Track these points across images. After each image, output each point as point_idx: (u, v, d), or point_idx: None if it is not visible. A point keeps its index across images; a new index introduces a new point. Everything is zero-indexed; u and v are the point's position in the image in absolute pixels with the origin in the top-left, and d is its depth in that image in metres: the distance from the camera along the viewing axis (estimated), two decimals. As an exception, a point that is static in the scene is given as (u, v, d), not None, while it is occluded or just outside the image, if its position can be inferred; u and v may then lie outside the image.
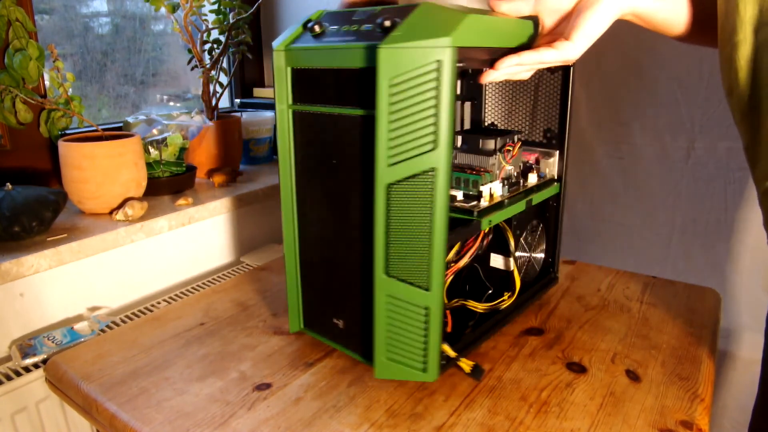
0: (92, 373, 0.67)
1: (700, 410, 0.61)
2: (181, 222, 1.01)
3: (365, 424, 0.58)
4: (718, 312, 0.83)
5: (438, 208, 0.53)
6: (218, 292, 0.90)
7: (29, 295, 0.87)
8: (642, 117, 1.41)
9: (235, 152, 1.25)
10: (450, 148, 0.51)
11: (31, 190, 0.86)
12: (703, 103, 1.32)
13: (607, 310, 0.83)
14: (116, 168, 0.93)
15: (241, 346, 0.74)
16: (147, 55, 1.27)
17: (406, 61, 0.49)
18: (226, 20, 1.18)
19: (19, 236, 0.82)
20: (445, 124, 0.50)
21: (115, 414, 0.61)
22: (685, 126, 1.36)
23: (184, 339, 0.75)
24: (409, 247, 0.56)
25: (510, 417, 0.59)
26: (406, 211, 0.54)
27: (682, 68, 1.34)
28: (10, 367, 0.80)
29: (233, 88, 1.52)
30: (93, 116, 1.20)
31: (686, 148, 1.37)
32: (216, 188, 1.16)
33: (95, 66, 1.18)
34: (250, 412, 0.60)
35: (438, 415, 0.60)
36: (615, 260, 1.40)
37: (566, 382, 0.66)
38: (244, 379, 0.66)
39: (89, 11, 1.17)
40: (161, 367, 0.69)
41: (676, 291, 0.89)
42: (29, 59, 0.88)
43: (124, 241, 0.91)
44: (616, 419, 0.59)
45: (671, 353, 0.72)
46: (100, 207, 0.95)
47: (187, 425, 0.58)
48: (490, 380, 0.66)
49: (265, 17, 1.48)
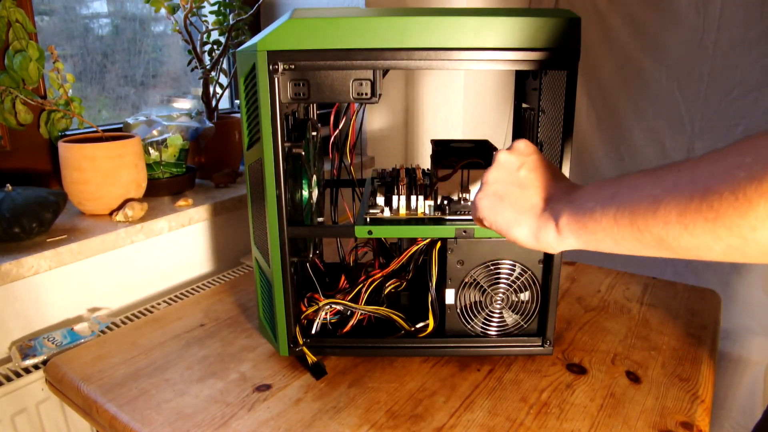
0: (92, 375, 0.67)
1: (700, 411, 0.61)
2: (181, 223, 1.01)
3: (365, 425, 0.58)
4: (718, 313, 0.83)
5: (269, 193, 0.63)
6: (218, 294, 0.90)
7: (29, 296, 0.87)
8: (642, 118, 1.40)
9: (235, 153, 1.25)
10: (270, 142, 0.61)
11: (31, 191, 0.86)
12: (702, 104, 1.32)
13: (607, 311, 0.83)
14: (116, 169, 0.93)
15: (241, 347, 0.74)
16: (147, 56, 1.27)
17: (241, 63, 0.63)
18: (226, 21, 1.18)
19: (19, 237, 0.82)
20: (266, 120, 0.60)
21: (115, 415, 0.61)
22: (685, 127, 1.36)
23: (184, 340, 0.75)
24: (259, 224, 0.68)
25: (510, 418, 0.59)
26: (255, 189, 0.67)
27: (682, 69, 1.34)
28: (10, 368, 0.80)
29: (233, 89, 1.52)
30: (93, 117, 1.20)
31: (686, 148, 1.37)
32: (216, 189, 1.16)
33: (95, 67, 1.18)
34: (250, 413, 0.60)
35: (438, 416, 0.60)
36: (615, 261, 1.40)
37: (566, 383, 0.66)
38: (244, 380, 0.66)
39: (89, 12, 1.17)
40: (161, 369, 0.69)
41: (676, 292, 0.89)
42: (29, 60, 0.88)
43: (124, 242, 0.91)
44: (616, 420, 0.59)
45: (671, 354, 0.72)
46: (100, 208, 0.95)
47: (187, 426, 0.58)
48: (490, 381, 0.66)
49: (265, 18, 1.48)
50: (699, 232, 0.37)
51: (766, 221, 0.33)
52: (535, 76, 0.75)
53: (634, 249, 0.44)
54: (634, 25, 1.45)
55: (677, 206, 0.38)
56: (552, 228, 0.49)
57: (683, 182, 0.39)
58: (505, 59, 0.58)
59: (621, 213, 0.43)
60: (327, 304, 0.70)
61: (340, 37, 0.57)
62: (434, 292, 0.69)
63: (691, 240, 0.38)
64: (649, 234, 0.41)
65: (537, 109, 0.75)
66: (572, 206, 0.48)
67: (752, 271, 1.27)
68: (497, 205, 0.53)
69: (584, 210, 0.46)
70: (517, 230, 0.52)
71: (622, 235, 0.43)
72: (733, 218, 0.35)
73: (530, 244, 0.51)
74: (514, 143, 0.56)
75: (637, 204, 0.41)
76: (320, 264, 0.82)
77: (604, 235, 0.45)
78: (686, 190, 0.38)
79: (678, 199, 0.38)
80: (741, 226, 0.34)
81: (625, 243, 0.44)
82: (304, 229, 0.68)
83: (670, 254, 0.42)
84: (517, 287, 0.68)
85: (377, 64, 0.59)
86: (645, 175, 0.43)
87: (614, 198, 0.44)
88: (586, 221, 0.46)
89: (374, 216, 0.66)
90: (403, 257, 0.72)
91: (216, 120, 1.21)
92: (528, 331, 0.70)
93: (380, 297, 0.73)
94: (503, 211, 0.52)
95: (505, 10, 0.64)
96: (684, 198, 0.38)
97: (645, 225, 0.41)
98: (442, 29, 0.57)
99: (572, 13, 0.58)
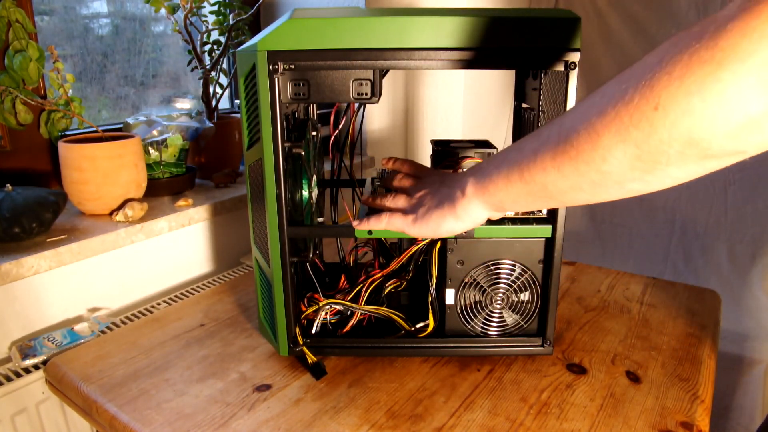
0: (92, 375, 0.67)
1: (700, 411, 0.61)
2: (181, 223, 1.01)
3: (365, 426, 0.58)
4: (718, 313, 0.83)
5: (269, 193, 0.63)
6: (218, 294, 0.90)
7: (29, 296, 0.87)
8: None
9: (235, 153, 1.25)
10: (270, 142, 0.61)
11: (31, 192, 0.86)
12: (702, 104, 1.31)
13: (607, 311, 0.83)
14: (116, 169, 0.93)
15: (241, 347, 0.74)
16: (147, 56, 1.27)
17: (241, 63, 0.62)
18: (226, 21, 1.18)
19: (19, 237, 0.82)
20: (266, 120, 0.60)
21: (115, 415, 0.61)
22: (685, 127, 1.35)
23: (184, 340, 0.75)
24: (259, 224, 0.68)
25: (510, 418, 0.59)
26: (255, 189, 0.66)
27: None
28: (10, 368, 0.80)
29: (233, 89, 1.52)
30: (93, 117, 1.20)
31: (686, 148, 1.37)
32: (216, 189, 1.16)
33: (95, 67, 1.18)
34: (250, 413, 0.60)
35: (438, 416, 0.60)
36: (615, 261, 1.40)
37: (566, 383, 0.66)
38: (244, 380, 0.66)
39: (89, 12, 1.17)
40: (161, 369, 0.69)
41: (676, 292, 0.89)
42: (29, 60, 0.88)
43: (124, 242, 0.91)
44: (616, 420, 0.59)
45: (671, 354, 0.72)
46: (100, 208, 0.95)
47: (188, 426, 0.58)
48: (490, 381, 0.66)
49: (265, 18, 1.48)
50: (568, 171, 0.42)
51: (611, 150, 0.38)
52: (535, 76, 0.75)
53: (528, 202, 0.50)
54: (634, 25, 1.45)
55: (551, 151, 0.43)
56: (461, 198, 0.54)
57: (555, 131, 0.43)
58: (505, 59, 0.58)
59: (511, 170, 0.48)
60: (327, 304, 0.70)
61: (340, 37, 0.57)
62: (434, 292, 0.69)
63: (564, 181, 0.43)
64: (534, 183, 0.46)
65: (537, 109, 0.75)
66: (474, 175, 0.53)
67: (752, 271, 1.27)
68: (425, 216, 0.58)
69: (483, 175, 0.52)
70: (443, 222, 0.56)
71: (516, 191, 0.48)
72: (589, 152, 0.39)
73: (456, 226, 0.56)
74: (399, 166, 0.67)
75: (522, 158, 0.46)
76: (320, 264, 0.82)
77: (503, 195, 0.50)
78: (556, 136, 0.43)
79: (551, 146, 0.43)
80: (594, 159, 0.39)
81: (520, 199, 0.49)
82: (304, 229, 0.68)
83: (555, 203, 0.48)
84: (517, 287, 0.68)
85: (377, 64, 0.59)
86: (530, 135, 0.48)
87: (505, 159, 0.49)
88: (485, 184, 0.51)
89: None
90: (403, 257, 0.72)
91: (216, 120, 1.21)
92: (528, 331, 0.70)
93: (380, 297, 0.73)
94: (430, 216, 0.57)
95: (505, 10, 0.64)
96: (555, 143, 0.43)
97: (530, 175, 0.46)
98: (442, 29, 0.57)
99: (572, 13, 0.58)
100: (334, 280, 0.78)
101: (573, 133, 0.40)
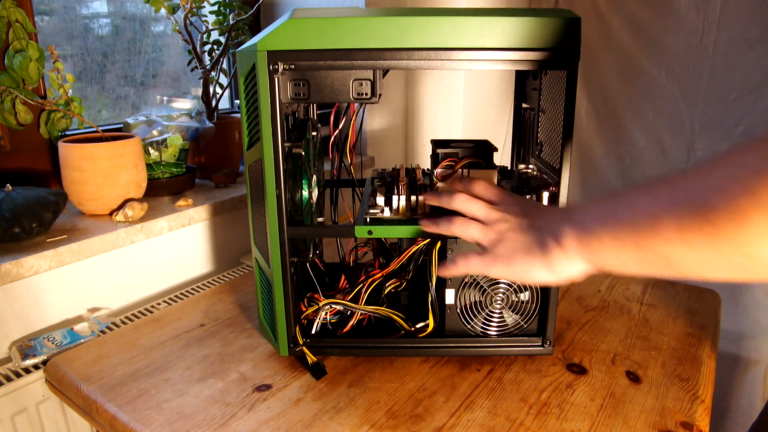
0: (92, 375, 0.67)
1: (700, 411, 0.61)
2: (181, 223, 1.01)
3: (365, 426, 0.58)
4: (717, 313, 0.83)
5: (269, 193, 0.63)
6: (218, 294, 0.90)
7: (29, 296, 0.87)
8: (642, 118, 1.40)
9: (235, 153, 1.25)
10: (270, 142, 0.61)
11: (31, 192, 0.86)
12: (702, 104, 1.32)
13: (607, 311, 0.83)
14: (116, 169, 0.93)
15: (241, 347, 0.74)
16: (147, 56, 1.27)
17: (241, 63, 0.62)
18: (226, 21, 1.18)
19: (19, 237, 0.82)
20: (266, 120, 0.60)
21: (115, 415, 0.61)
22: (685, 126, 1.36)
23: (184, 340, 0.75)
24: (259, 224, 0.68)
25: (510, 418, 0.59)
26: (255, 189, 0.67)
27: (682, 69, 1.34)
28: (10, 368, 0.80)
29: (233, 89, 1.52)
30: (93, 117, 1.19)
31: (686, 149, 1.37)
32: (216, 189, 1.16)
33: (95, 67, 1.18)
34: (251, 413, 0.60)
35: (438, 416, 0.60)
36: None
37: (566, 383, 0.66)
38: (244, 380, 0.66)
39: (89, 12, 1.17)
40: (161, 369, 0.69)
41: (676, 292, 0.89)
42: (29, 60, 0.88)
43: (124, 242, 0.91)
44: (616, 420, 0.59)
45: (671, 354, 0.72)
46: (100, 208, 0.95)
47: (187, 426, 0.58)
48: (490, 381, 0.66)
49: (265, 18, 1.48)
50: (701, 248, 0.36)
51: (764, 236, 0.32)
52: (535, 76, 0.75)
53: (641, 268, 0.42)
54: (634, 25, 1.45)
55: (676, 221, 0.37)
56: (556, 250, 0.47)
57: (679, 196, 0.37)
58: (506, 59, 0.58)
59: (623, 231, 0.41)
60: (327, 304, 0.70)
61: (340, 37, 0.57)
62: (434, 292, 0.69)
63: (695, 257, 0.36)
64: (652, 253, 0.39)
65: (537, 109, 0.75)
66: (573, 224, 0.46)
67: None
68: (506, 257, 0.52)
69: (586, 229, 0.45)
70: (531, 271, 0.50)
71: (628, 257, 0.42)
72: (732, 233, 0.33)
73: (547, 277, 0.49)
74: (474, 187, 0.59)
75: (636, 220, 0.40)
76: (320, 264, 0.82)
77: (612, 259, 0.43)
78: (683, 204, 0.37)
79: (676, 214, 0.37)
80: (741, 242, 0.33)
81: (630, 263, 0.42)
82: (304, 229, 0.68)
83: (677, 274, 0.40)
84: (517, 287, 0.68)
85: (377, 64, 0.59)
86: (639, 191, 0.41)
87: (613, 215, 0.43)
88: (589, 241, 0.44)
89: (374, 216, 0.66)
90: (403, 257, 0.72)
91: (216, 120, 1.21)
92: (528, 331, 0.70)
93: (380, 297, 0.73)
94: (514, 260, 0.51)
95: (505, 10, 0.64)
96: (681, 213, 0.37)
97: (647, 243, 0.39)
98: (442, 29, 0.57)
99: (572, 13, 0.58)
100: (334, 280, 0.78)
101: (709, 208, 0.34)
